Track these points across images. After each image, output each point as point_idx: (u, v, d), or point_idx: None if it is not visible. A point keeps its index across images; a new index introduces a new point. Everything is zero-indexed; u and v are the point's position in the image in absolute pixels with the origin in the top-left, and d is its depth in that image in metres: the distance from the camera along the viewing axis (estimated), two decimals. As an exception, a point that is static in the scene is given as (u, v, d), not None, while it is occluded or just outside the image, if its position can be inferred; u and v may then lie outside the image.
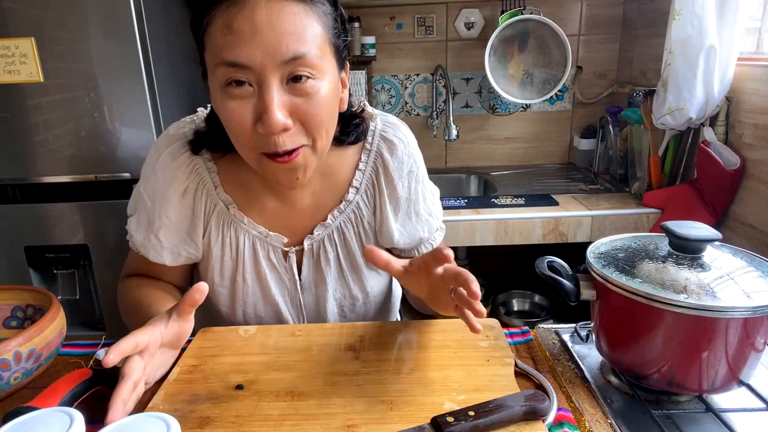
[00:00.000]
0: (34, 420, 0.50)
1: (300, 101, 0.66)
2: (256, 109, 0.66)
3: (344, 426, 0.58)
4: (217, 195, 0.82)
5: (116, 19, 1.32)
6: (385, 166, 0.85)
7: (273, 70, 0.64)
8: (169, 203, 0.81)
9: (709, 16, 1.36)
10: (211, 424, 0.60)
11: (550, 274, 0.69)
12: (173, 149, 0.81)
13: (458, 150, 2.25)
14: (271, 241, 0.84)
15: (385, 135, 0.85)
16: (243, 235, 0.84)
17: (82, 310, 1.59)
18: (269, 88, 0.64)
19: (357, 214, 0.86)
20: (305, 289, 0.88)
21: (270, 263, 0.85)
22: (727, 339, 0.58)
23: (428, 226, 0.90)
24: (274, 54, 0.63)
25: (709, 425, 0.61)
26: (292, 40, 0.63)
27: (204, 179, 0.82)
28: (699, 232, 0.64)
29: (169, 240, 0.83)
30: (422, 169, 0.89)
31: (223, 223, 0.83)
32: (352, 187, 0.85)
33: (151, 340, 0.63)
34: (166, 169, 0.80)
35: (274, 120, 0.64)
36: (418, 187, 0.88)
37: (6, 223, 1.47)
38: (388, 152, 0.85)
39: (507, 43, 1.95)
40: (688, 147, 1.59)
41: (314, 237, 0.85)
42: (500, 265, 2.19)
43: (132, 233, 0.85)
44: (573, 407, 0.63)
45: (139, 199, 0.84)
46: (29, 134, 1.39)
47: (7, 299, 0.79)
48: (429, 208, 0.91)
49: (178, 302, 0.67)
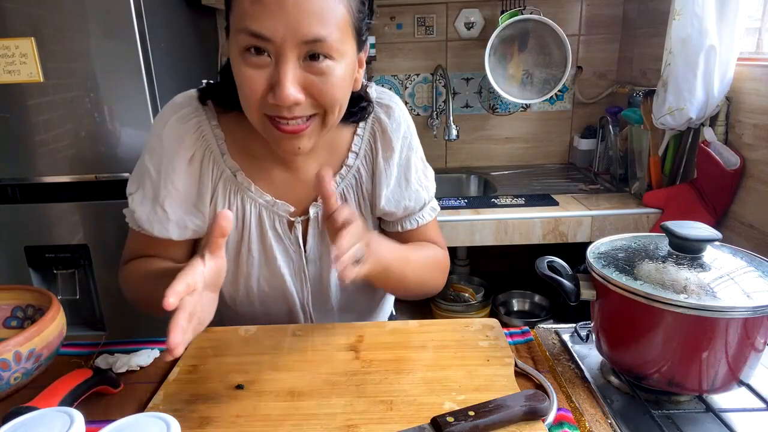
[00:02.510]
0: (34, 420, 0.50)
1: (315, 79, 0.68)
2: (270, 79, 0.67)
3: (344, 426, 0.59)
4: (224, 162, 0.82)
5: (116, 19, 1.31)
6: (383, 129, 0.86)
7: (292, 47, 0.65)
8: (175, 171, 0.80)
9: (709, 16, 1.36)
10: (211, 424, 0.60)
11: (550, 274, 0.69)
12: (182, 114, 0.80)
13: (458, 150, 2.25)
14: (277, 210, 0.84)
15: (381, 101, 0.87)
16: (249, 203, 0.83)
17: (82, 310, 1.58)
18: (286, 62, 0.66)
19: (357, 180, 0.87)
20: (310, 261, 0.88)
21: (276, 234, 0.85)
22: (727, 339, 0.58)
23: (416, 196, 0.89)
24: (295, 32, 0.64)
25: (709, 425, 0.61)
26: (314, 22, 0.64)
27: (211, 146, 0.81)
28: (699, 232, 0.64)
29: (176, 211, 0.81)
30: (415, 140, 0.90)
31: (230, 191, 0.83)
32: (352, 152, 0.86)
33: (196, 278, 0.60)
34: (175, 134, 0.80)
35: (286, 94, 0.66)
36: (411, 154, 0.89)
37: (6, 223, 1.47)
38: (385, 115, 0.86)
39: (507, 43, 1.95)
40: (688, 147, 1.59)
41: (319, 204, 0.85)
42: (500, 265, 2.19)
43: (135, 209, 0.82)
44: (573, 407, 0.63)
45: (144, 172, 0.82)
46: (29, 134, 1.39)
47: (7, 299, 0.79)
48: (419, 179, 0.90)
49: (206, 239, 0.62)
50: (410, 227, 0.91)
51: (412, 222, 0.91)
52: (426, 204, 0.92)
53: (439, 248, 0.94)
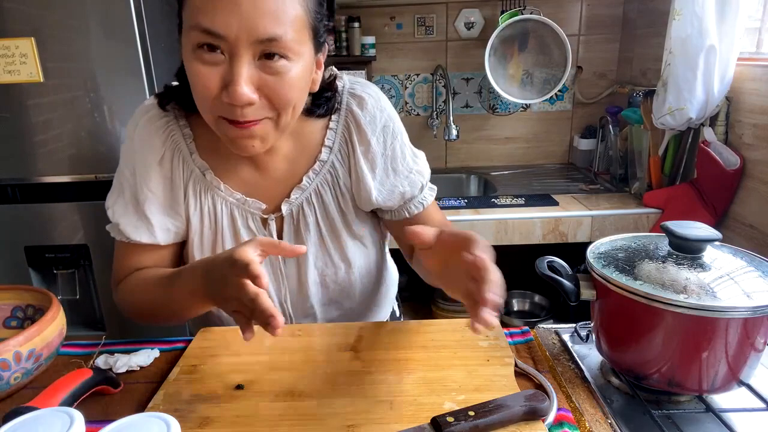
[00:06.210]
0: (34, 420, 0.50)
1: (269, 78, 0.67)
2: (224, 77, 0.66)
3: (344, 426, 0.58)
4: (193, 161, 0.81)
5: (116, 19, 1.31)
6: (357, 122, 0.83)
7: (246, 45, 0.64)
8: (148, 173, 0.80)
9: (709, 16, 1.36)
10: (211, 424, 0.60)
11: (550, 274, 0.69)
12: (151, 116, 0.80)
13: (458, 150, 2.25)
14: (248, 208, 0.83)
15: (354, 92, 0.84)
16: (220, 202, 0.83)
17: (82, 310, 1.58)
18: (240, 61, 0.64)
19: (333, 175, 0.85)
20: (287, 259, 0.86)
21: (249, 231, 0.84)
22: (727, 339, 0.58)
23: (409, 181, 0.87)
24: (249, 30, 0.63)
25: (709, 425, 0.61)
26: (269, 20, 0.63)
27: (179, 145, 0.81)
28: (699, 232, 0.64)
29: (155, 216, 0.81)
30: (399, 126, 0.87)
31: (201, 190, 0.82)
32: (325, 146, 0.84)
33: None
34: (144, 135, 0.80)
35: (239, 93, 0.64)
36: (395, 143, 0.86)
37: (6, 223, 1.47)
38: (358, 107, 0.83)
39: (507, 43, 1.95)
40: (688, 147, 1.59)
41: (292, 201, 0.84)
42: (500, 265, 2.18)
43: (119, 220, 0.82)
44: (573, 407, 0.63)
45: (122, 179, 0.82)
46: (29, 134, 1.39)
47: (7, 299, 0.79)
48: (409, 165, 0.88)
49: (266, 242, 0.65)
50: (416, 211, 0.89)
51: (417, 206, 0.89)
52: (424, 186, 0.90)
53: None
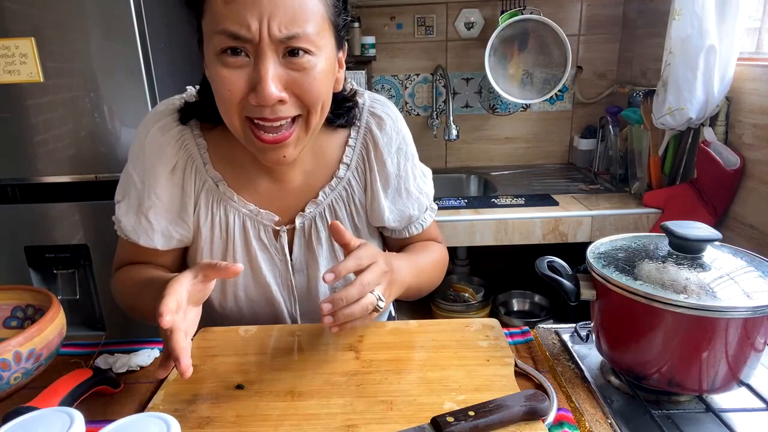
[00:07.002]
0: (34, 420, 0.50)
1: (296, 75, 0.67)
2: (250, 79, 0.66)
3: (344, 426, 0.58)
4: (206, 172, 0.81)
5: (116, 19, 1.31)
6: (375, 142, 0.85)
7: (270, 44, 0.64)
8: (158, 181, 0.80)
9: (709, 16, 1.36)
10: (211, 424, 0.60)
11: (550, 274, 0.69)
12: (163, 124, 0.80)
13: (458, 150, 2.25)
14: (261, 219, 0.83)
15: (374, 110, 0.85)
16: (233, 213, 0.83)
17: (82, 310, 1.58)
18: (265, 60, 0.65)
19: (348, 192, 0.86)
20: (297, 270, 0.87)
21: (261, 243, 0.84)
22: (727, 339, 0.58)
23: (418, 203, 0.90)
24: (272, 29, 0.64)
25: (709, 425, 0.61)
26: (291, 17, 0.64)
27: (193, 155, 0.81)
28: (699, 232, 0.64)
29: (160, 221, 0.81)
30: (411, 148, 0.89)
31: (213, 201, 0.82)
32: (343, 163, 0.85)
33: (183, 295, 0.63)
34: (156, 144, 0.79)
35: (268, 92, 0.65)
36: (408, 165, 0.88)
37: (6, 223, 1.47)
38: (377, 128, 0.85)
39: (507, 43, 1.95)
40: (688, 147, 1.59)
41: (305, 215, 0.84)
42: (500, 265, 2.19)
43: (121, 219, 0.83)
44: (573, 407, 0.63)
45: (129, 181, 0.82)
46: (29, 134, 1.39)
47: (7, 299, 0.79)
48: (419, 186, 0.90)
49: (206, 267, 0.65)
50: (416, 232, 0.92)
51: (417, 227, 0.92)
52: (427, 208, 0.93)
53: (440, 245, 0.96)
